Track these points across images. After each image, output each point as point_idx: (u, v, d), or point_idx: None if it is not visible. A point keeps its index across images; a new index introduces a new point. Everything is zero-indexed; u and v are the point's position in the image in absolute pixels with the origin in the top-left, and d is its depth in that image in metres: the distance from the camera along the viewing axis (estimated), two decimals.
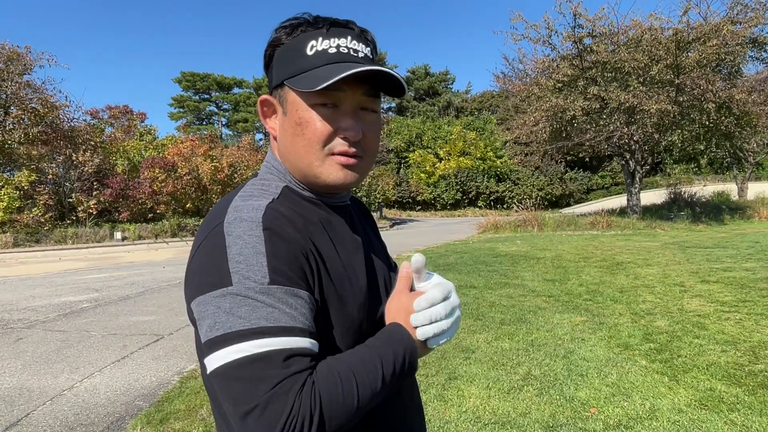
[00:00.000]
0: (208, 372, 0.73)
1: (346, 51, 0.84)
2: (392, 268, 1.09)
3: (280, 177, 0.91)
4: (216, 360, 0.71)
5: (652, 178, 36.23)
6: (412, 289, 0.89)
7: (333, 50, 0.83)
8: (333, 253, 0.86)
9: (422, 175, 41.09)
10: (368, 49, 0.88)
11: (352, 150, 0.85)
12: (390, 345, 0.80)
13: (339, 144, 0.84)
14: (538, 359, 4.28)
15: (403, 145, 43.32)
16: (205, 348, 0.73)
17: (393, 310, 0.87)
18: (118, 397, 3.97)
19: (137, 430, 3.32)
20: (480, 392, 3.61)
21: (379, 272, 0.99)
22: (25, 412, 3.71)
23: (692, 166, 38.19)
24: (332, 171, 0.85)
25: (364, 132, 0.86)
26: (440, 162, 41.45)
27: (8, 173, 19.73)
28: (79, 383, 4.28)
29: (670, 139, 18.54)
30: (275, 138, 0.92)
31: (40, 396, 4.01)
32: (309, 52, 0.83)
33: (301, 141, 0.84)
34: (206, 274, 0.75)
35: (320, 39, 0.84)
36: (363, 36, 0.88)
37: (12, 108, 19.59)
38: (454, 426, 3.12)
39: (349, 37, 0.85)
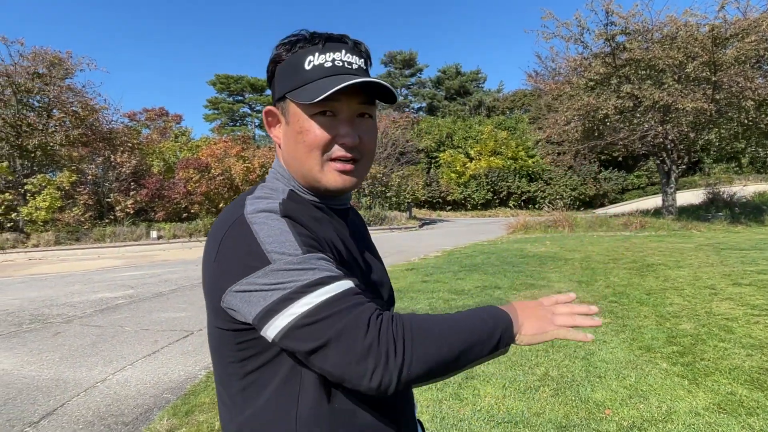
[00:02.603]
0: (278, 331, 0.77)
1: (341, 64, 0.91)
2: (385, 271, 1.16)
3: (285, 182, 0.98)
4: (283, 319, 0.76)
5: (690, 177, 35.21)
6: None
7: (329, 64, 0.90)
8: (340, 244, 0.94)
9: (452, 174, 40.83)
10: (362, 60, 0.96)
11: (350, 155, 0.93)
12: (492, 318, 0.87)
13: (337, 150, 0.92)
14: (557, 360, 4.28)
15: (433, 144, 42.94)
16: (262, 317, 0.78)
17: (540, 314, 0.92)
18: (148, 389, 4.15)
19: (164, 421, 3.47)
20: (496, 392, 3.64)
21: (375, 269, 1.06)
22: (61, 402, 3.92)
23: (733, 165, 36.92)
24: (331, 177, 0.93)
25: (361, 137, 0.93)
26: (471, 162, 41.13)
27: (50, 174, 20.51)
28: (111, 376, 4.48)
29: (706, 137, 18.04)
30: (279, 146, 1.00)
31: (75, 387, 4.22)
32: (307, 67, 0.90)
33: (303, 148, 0.92)
34: (241, 260, 0.80)
35: (317, 54, 0.91)
36: (357, 48, 0.96)
37: (54, 111, 20.37)
38: (468, 424, 3.17)
39: (344, 51, 0.93)
